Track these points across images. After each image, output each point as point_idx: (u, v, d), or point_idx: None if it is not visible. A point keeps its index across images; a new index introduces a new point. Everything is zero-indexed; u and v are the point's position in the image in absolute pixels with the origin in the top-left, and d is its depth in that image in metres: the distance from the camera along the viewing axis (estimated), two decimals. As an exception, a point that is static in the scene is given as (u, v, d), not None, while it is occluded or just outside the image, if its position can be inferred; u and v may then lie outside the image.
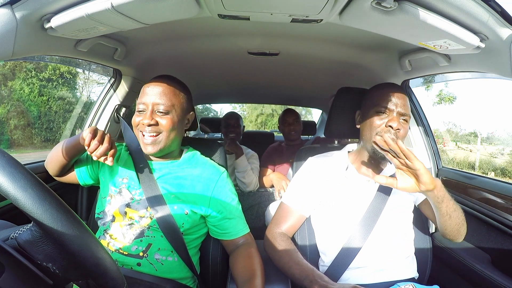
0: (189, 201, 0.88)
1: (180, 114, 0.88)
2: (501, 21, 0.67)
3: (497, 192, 1.03)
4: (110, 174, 0.93)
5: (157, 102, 0.84)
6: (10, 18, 0.69)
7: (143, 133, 0.85)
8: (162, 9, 0.72)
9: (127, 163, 0.94)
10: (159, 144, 0.85)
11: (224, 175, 0.96)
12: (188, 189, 0.90)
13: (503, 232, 0.99)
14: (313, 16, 0.80)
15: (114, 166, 0.93)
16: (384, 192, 0.94)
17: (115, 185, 0.90)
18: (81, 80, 15.31)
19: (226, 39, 1.21)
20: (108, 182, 0.91)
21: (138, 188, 0.89)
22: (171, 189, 0.89)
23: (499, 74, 0.82)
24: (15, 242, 0.40)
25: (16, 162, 0.37)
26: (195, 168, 0.94)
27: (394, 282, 0.88)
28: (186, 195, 0.89)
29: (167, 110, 0.85)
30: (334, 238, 0.92)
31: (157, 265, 0.84)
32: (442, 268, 1.18)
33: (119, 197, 0.88)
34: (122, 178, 0.91)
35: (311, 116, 18.63)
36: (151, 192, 0.87)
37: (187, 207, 0.88)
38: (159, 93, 0.85)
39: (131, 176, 0.91)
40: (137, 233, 0.84)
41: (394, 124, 0.88)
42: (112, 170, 0.93)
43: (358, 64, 1.40)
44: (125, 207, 0.86)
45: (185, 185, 0.90)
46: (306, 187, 0.97)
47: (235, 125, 1.96)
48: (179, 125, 0.88)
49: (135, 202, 0.87)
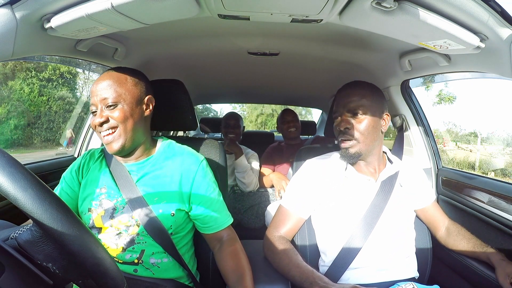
0: (172, 200, 0.85)
1: (132, 101, 0.82)
2: (501, 21, 0.67)
3: (497, 192, 1.03)
4: (87, 187, 0.87)
5: (103, 98, 0.80)
6: (10, 18, 0.69)
7: (101, 134, 0.81)
8: (162, 9, 0.72)
9: (102, 171, 0.89)
10: (120, 140, 0.81)
11: (203, 164, 0.91)
12: (169, 187, 0.86)
13: (503, 232, 0.99)
14: (313, 16, 0.80)
15: (89, 178, 0.88)
16: (385, 191, 0.94)
17: (93, 198, 0.85)
18: (81, 80, 15.32)
19: (226, 39, 1.21)
20: (86, 195, 0.86)
21: (119, 196, 0.84)
22: (152, 190, 0.85)
23: (499, 74, 0.82)
24: (15, 242, 0.40)
25: (16, 162, 0.37)
26: (172, 160, 0.90)
27: (395, 282, 0.88)
28: (168, 194, 0.85)
29: (114, 102, 0.80)
30: (335, 237, 0.92)
31: (154, 269, 0.83)
32: (442, 268, 1.18)
33: (100, 209, 0.84)
34: (100, 188, 0.86)
35: (311, 116, 18.64)
36: (132, 198, 0.83)
37: (171, 208, 0.84)
38: (103, 88, 0.80)
39: (109, 184, 0.86)
40: (127, 241, 0.82)
41: (341, 126, 0.93)
42: (88, 182, 0.88)
43: (358, 64, 1.40)
44: (108, 219, 0.83)
45: (166, 182, 0.86)
46: (304, 190, 0.97)
47: (235, 125, 1.95)
48: (133, 113, 0.82)
49: (119, 212, 0.83)
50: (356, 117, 0.92)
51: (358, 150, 0.92)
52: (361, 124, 0.91)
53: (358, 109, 0.91)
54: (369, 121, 0.92)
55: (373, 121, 0.92)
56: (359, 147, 0.92)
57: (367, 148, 0.93)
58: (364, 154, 0.93)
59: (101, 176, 0.88)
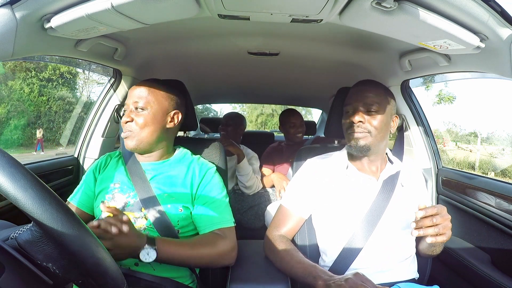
0: (181, 199, 0.90)
1: (158, 110, 0.91)
2: (501, 21, 0.67)
3: (497, 192, 1.03)
4: (103, 182, 0.94)
5: (135, 101, 0.91)
6: (10, 18, 0.69)
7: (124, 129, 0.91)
8: (162, 9, 0.72)
9: (118, 169, 0.96)
10: (133, 140, 0.89)
11: (212, 170, 0.98)
12: (179, 187, 0.92)
13: (503, 232, 0.99)
14: (313, 16, 0.80)
15: (105, 175, 0.96)
16: (387, 190, 0.94)
17: (107, 192, 0.91)
18: (81, 80, 15.33)
19: (226, 39, 1.21)
20: (100, 190, 0.93)
21: (131, 191, 0.90)
22: (164, 189, 0.91)
23: (499, 74, 0.82)
24: (15, 242, 0.40)
25: (16, 162, 0.37)
26: (185, 164, 0.97)
27: (394, 283, 0.88)
28: (178, 193, 0.91)
29: (142, 107, 0.90)
30: (336, 237, 0.92)
31: (155, 265, 0.84)
32: (442, 268, 1.18)
33: (113, 203, 0.89)
34: (114, 183, 0.93)
35: (311, 116, 18.60)
36: (144, 194, 0.88)
37: (180, 205, 0.89)
38: (138, 93, 0.91)
39: (123, 180, 0.93)
40: None
41: (354, 119, 0.92)
42: (104, 178, 0.95)
43: (358, 64, 1.40)
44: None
45: (176, 183, 0.92)
46: (305, 189, 0.97)
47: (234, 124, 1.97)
48: (155, 122, 0.91)
49: (130, 206, 0.88)
50: (371, 113, 0.92)
51: (368, 143, 0.92)
52: (375, 120, 0.92)
53: (374, 105, 0.92)
54: (382, 118, 0.93)
55: (385, 119, 0.94)
56: (370, 140, 0.92)
57: (376, 144, 0.93)
58: (371, 150, 0.93)
59: (116, 173, 0.95)
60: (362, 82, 1.00)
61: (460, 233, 1.22)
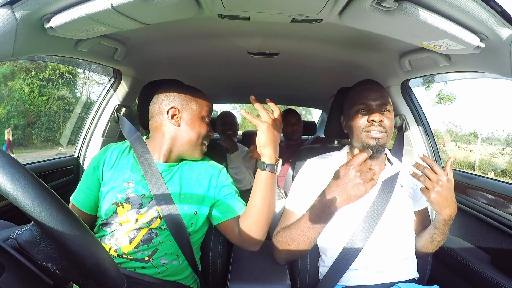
0: (197, 201, 0.90)
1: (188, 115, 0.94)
2: (501, 21, 0.67)
3: (497, 192, 1.03)
4: (112, 180, 0.89)
5: None
6: (10, 18, 0.69)
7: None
8: (162, 9, 0.72)
9: (131, 167, 0.91)
10: None
11: (224, 170, 1.00)
12: (194, 189, 0.92)
13: (503, 232, 0.99)
14: (313, 16, 0.80)
15: (115, 172, 0.91)
16: (386, 191, 0.94)
17: (119, 191, 0.87)
18: (81, 80, 15.32)
19: (226, 39, 1.21)
20: (110, 189, 0.88)
21: (146, 191, 0.87)
22: (179, 189, 0.90)
23: (499, 74, 0.82)
24: (15, 242, 0.40)
25: (16, 162, 0.37)
26: (199, 167, 0.97)
27: (394, 283, 0.88)
28: (194, 194, 0.91)
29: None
30: (336, 237, 0.92)
31: (161, 269, 0.84)
32: (442, 268, 1.18)
33: (126, 205, 0.86)
34: (127, 183, 0.88)
35: (311, 116, 18.61)
36: (159, 194, 0.86)
37: (195, 207, 0.89)
38: None
39: (137, 179, 0.89)
40: (145, 239, 0.84)
41: (376, 118, 0.90)
42: (113, 176, 0.90)
43: (358, 64, 1.40)
44: (134, 214, 0.85)
45: (193, 184, 0.92)
46: (307, 190, 0.97)
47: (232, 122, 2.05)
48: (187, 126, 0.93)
49: (145, 207, 0.86)
50: (385, 112, 0.92)
51: (384, 143, 0.92)
52: (389, 120, 0.92)
53: (387, 105, 0.93)
54: (392, 117, 0.94)
55: (393, 119, 0.95)
56: (386, 141, 0.92)
57: (387, 144, 0.94)
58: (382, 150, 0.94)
59: (129, 172, 0.90)
60: (368, 81, 0.99)
61: (460, 233, 1.22)
